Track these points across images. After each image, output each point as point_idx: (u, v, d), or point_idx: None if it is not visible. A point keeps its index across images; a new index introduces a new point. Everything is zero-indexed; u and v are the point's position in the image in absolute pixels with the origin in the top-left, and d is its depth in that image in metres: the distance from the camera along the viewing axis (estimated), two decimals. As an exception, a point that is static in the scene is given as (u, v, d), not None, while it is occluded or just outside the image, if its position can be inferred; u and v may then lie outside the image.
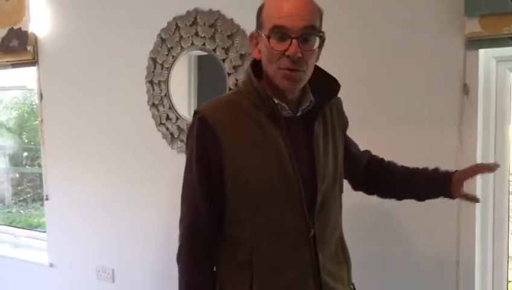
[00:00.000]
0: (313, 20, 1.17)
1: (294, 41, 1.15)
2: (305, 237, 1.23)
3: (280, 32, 1.16)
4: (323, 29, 1.23)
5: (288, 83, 1.20)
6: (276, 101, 1.23)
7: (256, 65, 1.28)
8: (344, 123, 1.43)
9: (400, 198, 1.51)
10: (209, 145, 1.23)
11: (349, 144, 1.46)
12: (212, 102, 1.31)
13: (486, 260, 1.75)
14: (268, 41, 1.18)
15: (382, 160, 1.53)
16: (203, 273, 1.30)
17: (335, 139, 1.34)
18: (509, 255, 1.80)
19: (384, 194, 1.53)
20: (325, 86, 1.29)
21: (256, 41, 1.25)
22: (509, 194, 1.75)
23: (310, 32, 1.17)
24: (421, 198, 1.47)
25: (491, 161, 1.72)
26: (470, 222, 1.70)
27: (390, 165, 1.51)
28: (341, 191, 1.37)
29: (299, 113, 1.27)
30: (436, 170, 1.44)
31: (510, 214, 1.78)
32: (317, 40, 1.19)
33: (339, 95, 1.32)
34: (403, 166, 1.49)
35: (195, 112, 1.27)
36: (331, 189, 1.30)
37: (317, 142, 1.27)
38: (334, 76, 1.30)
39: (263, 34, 1.20)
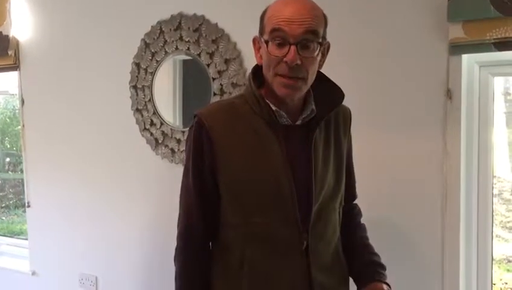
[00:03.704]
0: (314, 26, 1.14)
1: (292, 47, 1.12)
2: (298, 248, 1.21)
3: (279, 37, 1.14)
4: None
5: (286, 91, 1.18)
6: (274, 108, 1.21)
7: (258, 70, 1.26)
8: (350, 138, 1.40)
9: None
10: (204, 148, 1.23)
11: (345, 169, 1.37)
12: (212, 105, 1.33)
13: (471, 263, 1.76)
14: (267, 46, 1.16)
15: (355, 217, 1.45)
16: (197, 275, 1.30)
17: (339, 152, 1.32)
18: (494, 258, 1.82)
19: None
20: (329, 95, 1.27)
21: (259, 45, 1.23)
22: (493, 196, 1.76)
23: (310, 39, 1.14)
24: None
25: (474, 164, 1.74)
26: (454, 225, 1.71)
27: (353, 229, 1.42)
28: (341, 204, 1.34)
29: (298, 122, 1.25)
30: (368, 265, 1.34)
31: (494, 217, 1.80)
32: (318, 47, 1.16)
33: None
34: (358, 238, 1.41)
35: (194, 115, 1.27)
36: (331, 201, 1.28)
37: (316, 151, 1.24)
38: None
39: (263, 39, 1.18)
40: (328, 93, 1.27)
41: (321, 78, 1.27)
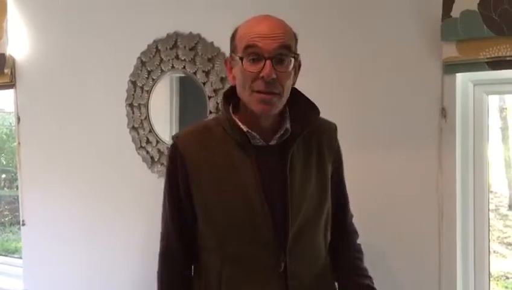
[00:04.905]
0: (287, 41, 1.15)
1: (268, 62, 1.12)
2: (275, 271, 1.19)
3: (254, 53, 1.14)
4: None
5: (263, 107, 1.16)
6: (245, 129, 1.20)
7: (232, 92, 1.26)
8: (336, 155, 1.34)
9: None
10: (178, 170, 1.24)
11: (333, 187, 1.32)
12: (189, 128, 1.33)
13: (468, 280, 1.75)
14: (242, 62, 1.15)
15: (349, 237, 1.40)
16: None
17: (322, 171, 1.28)
18: (492, 274, 1.81)
19: None
20: (305, 113, 1.25)
21: (231, 66, 1.23)
22: (489, 212, 1.76)
23: (284, 53, 1.15)
24: None
25: (470, 180, 1.74)
26: (450, 242, 1.70)
27: (346, 250, 1.38)
28: (328, 224, 1.30)
29: (272, 142, 1.23)
30: (360, 288, 1.33)
31: (492, 232, 1.79)
32: (292, 61, 1.17)
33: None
34: (351, 260, 1.37)
35: (172, 137, 1.28)
36: (312, 222, 1.25)
37: (292, 171, 1.21)
38: (310, 99, 1.27)
39: (237, 57, 1.18)
40: (303, 111, 1.25)
41: (296, 95, 1.25)
